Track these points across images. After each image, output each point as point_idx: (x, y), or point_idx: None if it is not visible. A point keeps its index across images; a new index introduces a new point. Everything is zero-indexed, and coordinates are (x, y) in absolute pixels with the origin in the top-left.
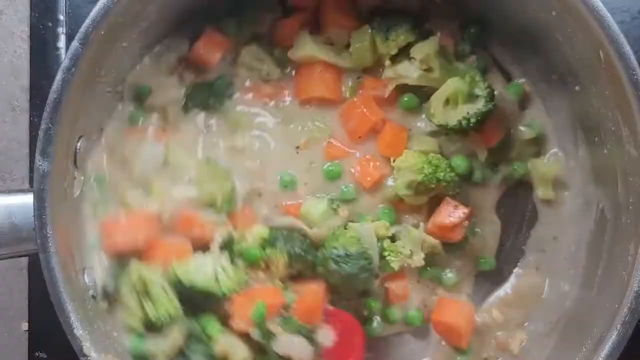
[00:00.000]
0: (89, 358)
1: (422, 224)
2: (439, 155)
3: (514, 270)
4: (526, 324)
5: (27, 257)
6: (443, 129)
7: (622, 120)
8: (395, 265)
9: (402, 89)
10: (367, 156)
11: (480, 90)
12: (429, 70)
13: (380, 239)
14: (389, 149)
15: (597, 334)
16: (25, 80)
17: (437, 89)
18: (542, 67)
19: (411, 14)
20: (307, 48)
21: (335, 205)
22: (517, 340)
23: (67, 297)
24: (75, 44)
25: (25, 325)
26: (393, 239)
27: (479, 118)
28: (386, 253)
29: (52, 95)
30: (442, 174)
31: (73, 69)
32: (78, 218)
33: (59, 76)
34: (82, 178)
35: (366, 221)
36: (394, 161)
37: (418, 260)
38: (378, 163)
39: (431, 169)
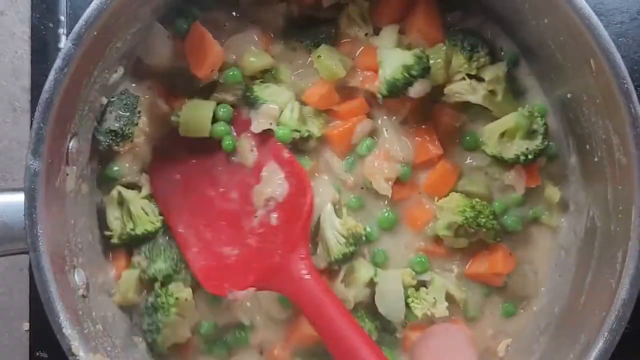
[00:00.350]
0: (77, 357)
1: (456, 269)
2: (484, 203)
3: None
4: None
5: (28, 257)
6: (494, 159)
7: (612, 129)
8: (418, 313)
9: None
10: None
11: (538, 126)
12: (492, 93)
13: (405, 287)
14: (433, 187)
15: (585, 340)
16: (26, 81)
17: (491, 113)
18: (534, 74)
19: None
20: (386, 42)
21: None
22: (503, 344)
23: (56, 296)
24: (68, 44)
25: (26, 325)
26: (418, 286)
27: (535, 154)
28: (410, 300)
29: (44, 95)
30: (483, 220)
31: (65, 69)
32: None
33: (51, 76)
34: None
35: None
36: (437, 200)
37: (442, 310)
38: (427, 206)
39: (473, 213)
